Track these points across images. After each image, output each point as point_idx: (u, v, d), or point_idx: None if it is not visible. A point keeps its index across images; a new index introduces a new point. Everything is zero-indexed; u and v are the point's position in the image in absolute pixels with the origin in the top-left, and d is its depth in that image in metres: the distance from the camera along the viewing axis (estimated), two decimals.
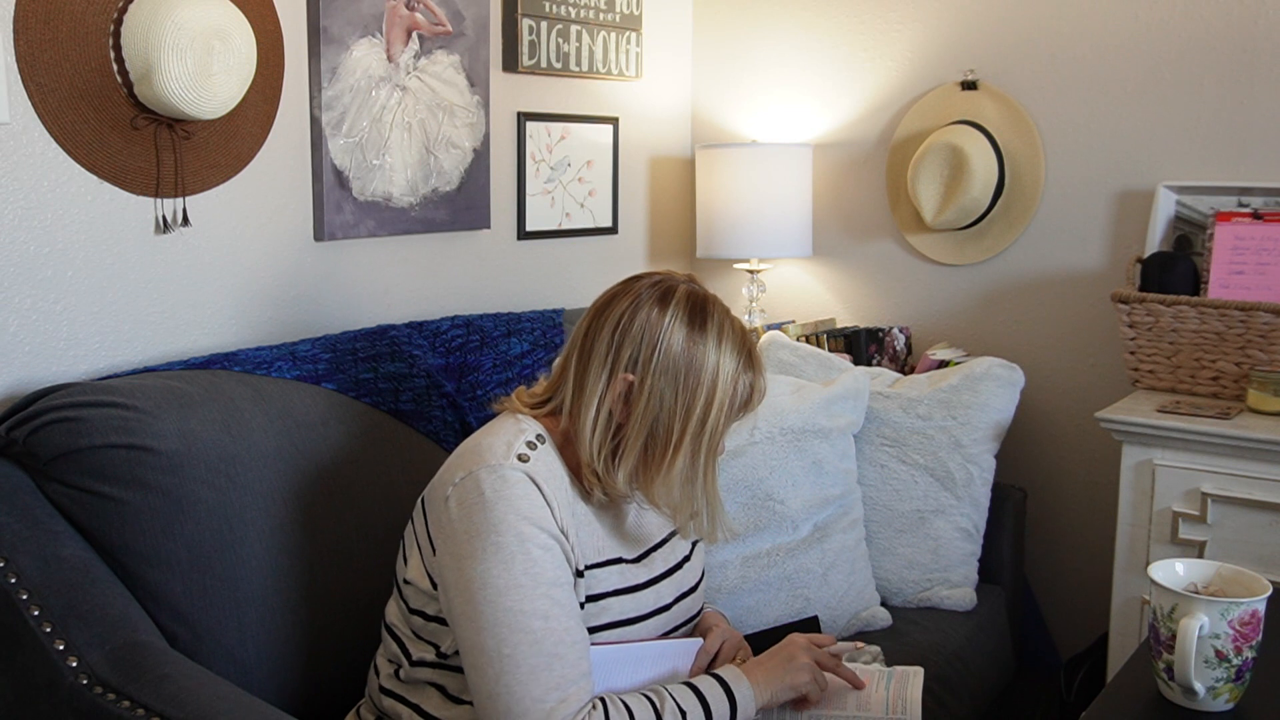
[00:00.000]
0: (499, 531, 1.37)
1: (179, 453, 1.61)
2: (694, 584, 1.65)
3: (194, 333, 2.02)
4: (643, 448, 1.46)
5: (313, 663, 1.74)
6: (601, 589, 1.49)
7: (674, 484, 1.47)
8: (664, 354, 1.45)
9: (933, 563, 2.25)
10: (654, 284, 1.50)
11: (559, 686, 1.33)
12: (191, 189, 1.96)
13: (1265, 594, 1.35)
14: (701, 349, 1.46)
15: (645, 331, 1.46)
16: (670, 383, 1.44)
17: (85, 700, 1.42)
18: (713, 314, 1.49)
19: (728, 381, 1.47)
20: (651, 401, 1.45)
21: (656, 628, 1.56)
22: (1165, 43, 2.48)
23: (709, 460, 1.49)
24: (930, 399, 2.33)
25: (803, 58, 2.97)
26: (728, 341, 1.48)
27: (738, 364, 1.48)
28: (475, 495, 1.39)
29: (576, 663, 1.36)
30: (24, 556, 1.50)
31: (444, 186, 2.44)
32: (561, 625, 1.36)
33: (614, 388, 1.46)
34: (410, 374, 2.02)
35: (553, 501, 1.42)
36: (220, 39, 1.80)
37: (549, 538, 1.39)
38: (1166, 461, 2.14)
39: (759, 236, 2.80)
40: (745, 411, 1.53)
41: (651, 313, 1.46)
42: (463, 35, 2.43)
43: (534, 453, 1.45)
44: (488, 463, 1.41)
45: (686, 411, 1.45)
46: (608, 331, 1.48)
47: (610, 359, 1.47)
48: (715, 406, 1.46)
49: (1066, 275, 2.65)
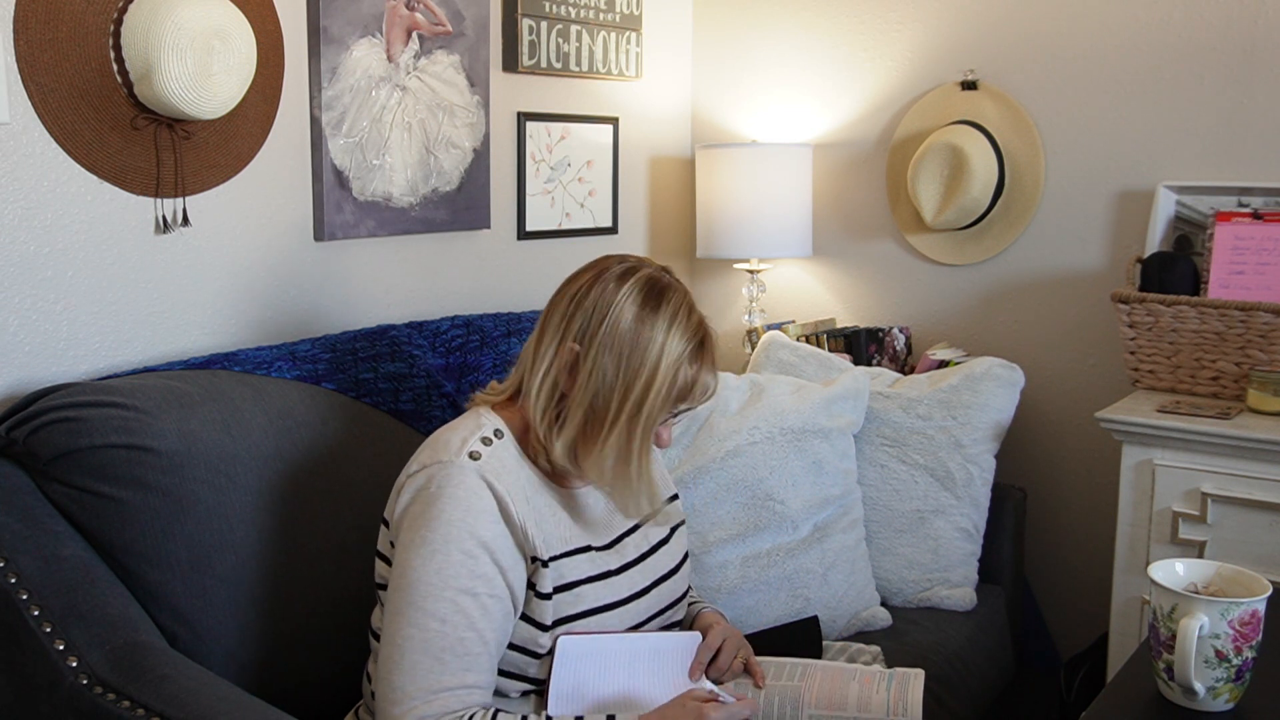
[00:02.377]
0: (430, 527, 1.39)
1: (179, 453, 1.61)
2: (671, 569, 1.65)
3: (194, 333, 2.02)
4: (582, 420, 1.47)
5: (313, 663, 1.74)
6: (572, 577, 1.50)
7: (606, 460, 1.47)
8: (610, 328, 1.45)
9: (933, 563, 2.25)
10: (621, 262, 1.52)
11: (434, 689, 1.35)
12: (191, 189, 1.96)
13: (1265, 594, 1.35)
14: (649, 329, 1.45)
15: (598, 305, 1.47)
16: (613, 359, 1.45)
17: (85, 700, 1.42)
18: (669, 299, 1.48)
19: (670, 367, 1.45)
20: (594, 375, 1.45)
21: (635, 614, 1.56)
22: (1165, 43, 2.48)
23: (644, 443, 1.47)
24: (930, 399, 2.33)
25: (803, 58, 2.97)
26: (678, 328, 1.46)
27: (683, 352, 1.46)
28: (422, 489, 1.42)
29: (460, 672, 1.37)
30: (24, 556, 1.50)
31: (444, 186, 2.44)
32: (456, 634, 1.37)
33: (561, 356, 1.48)
34: (410, 374, 2.02)
35: (504, 497, 1.43)
36: (220, 39, 1.80)
37: (477, 544, 1.39)
38: (1166, 461, 2.14)
39: (759, 236, 2.80)
40: (684, 403, 1.50)
41: (608, 287, 1.47)
42: (463, 35, 2.43)
43: (488, 448, 1.46)
44: (440, 458, 1.44)
45: (626, 389, 1.44)
46: (565, 301, 1.50)
47: (562, 328, 1.48)
48: (654, 390, 1.44)
49: (1066, 275, 2.65)
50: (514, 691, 1.50)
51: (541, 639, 1.47)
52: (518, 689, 1.50)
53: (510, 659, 1.47)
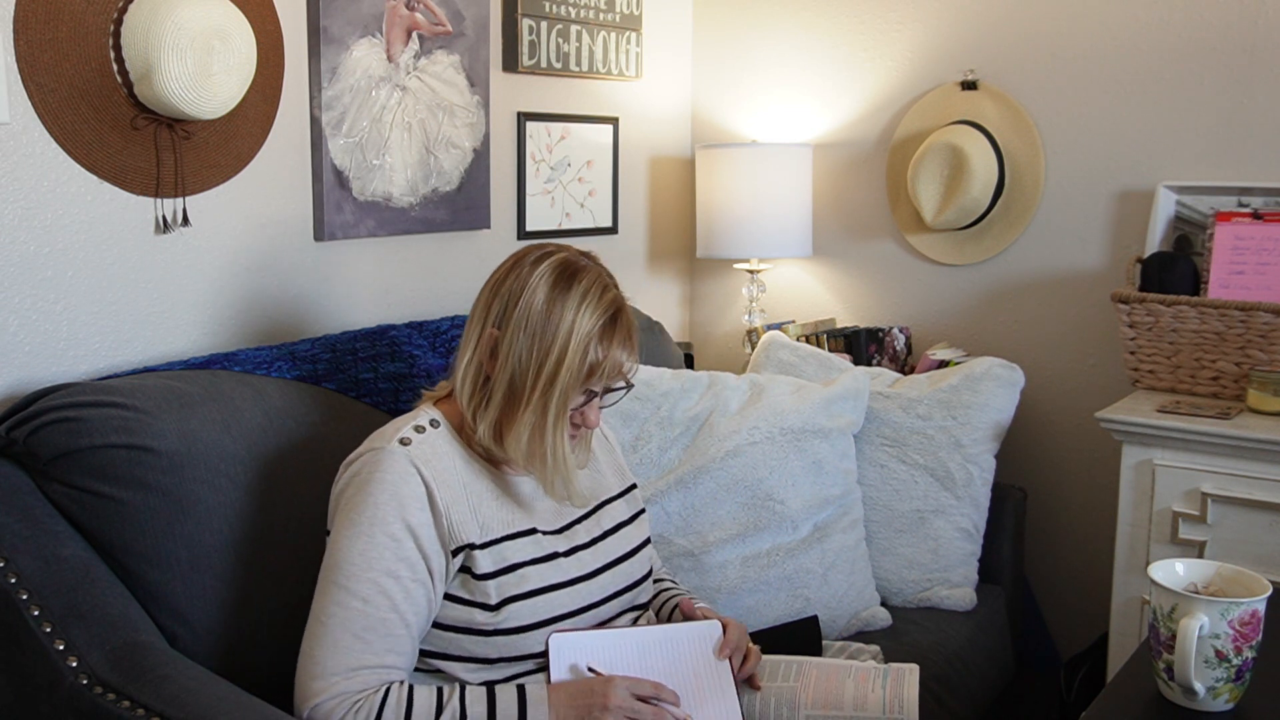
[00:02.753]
0: (359, 510, 1.44)
1: (179, 453, 1.61)
2: (626, 551, 1.67)
3: (194, 333, 2.02)
4: (501, 400, 1.51)
5: None
6: (515, 559, 1.52)
7: (522, 439, 1.50)
8: (524, 309, 1.49)
9: (933, 563, 2.25)
10: (540, 249, 1.56)
11: (354, 667, 1.40)
12: (191, 189, 1.96)
13: (1265, 594, 1.35)
14: (559, 309, 1.49)
15: (513, 288, 1.51)
16: (527, 339, 1.49)
17: (85, 700, 1.42)
18: (582, 279, 1.51)
19: (579, 344, 1.48)
20: (511, 356, 1.49)
21: (587, 594, 1.58)
22: (1165, 43, 2.48)
23: (558, 422, 1.50)
24: (930, 399, 2.33)
25: (803, 58, 2.97)
26: (589, 306, 1.50)
27: (592, 328, 1.49)
28: (356, 474, 1.48)
29: (382, 652, 1.41)
30: (24, 556, 1.50)
31: (444, 186, 2.44)
32: (379, 614, 1.41)
33: (483, 341, 1.52)
34: (410, 374, 2.02)
35: (431, 483, 1.47)
36: (220, 39, 1.80)
37: (403, 528, 1.44)
38: (1166, 461, 2.14)
39: (759, 236, 2.80)
40: (592, 381, 1.52)
41: (523, 271, 1.52)
42: (463, 35, 2.43)
43: (420, 436, 1.51)
44: (374, 446, 1.50)
45: (539, 368, 1.48)
46: (488, 290, 1.55)
47: (484, 314, 1.54)
48: (564, 368, 1.48)
49: (1066, 275, 2.65)
50: (468, 675, 1.50)
51: (486, 619, 1.49)
52: (471, 672, 1.50)
53: (454, 640, 1.50)
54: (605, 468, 1.75)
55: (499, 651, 1.50)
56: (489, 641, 1.49)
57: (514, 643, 1.50)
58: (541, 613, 1.52)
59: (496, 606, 1.49)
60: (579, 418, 1.55)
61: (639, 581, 1.68)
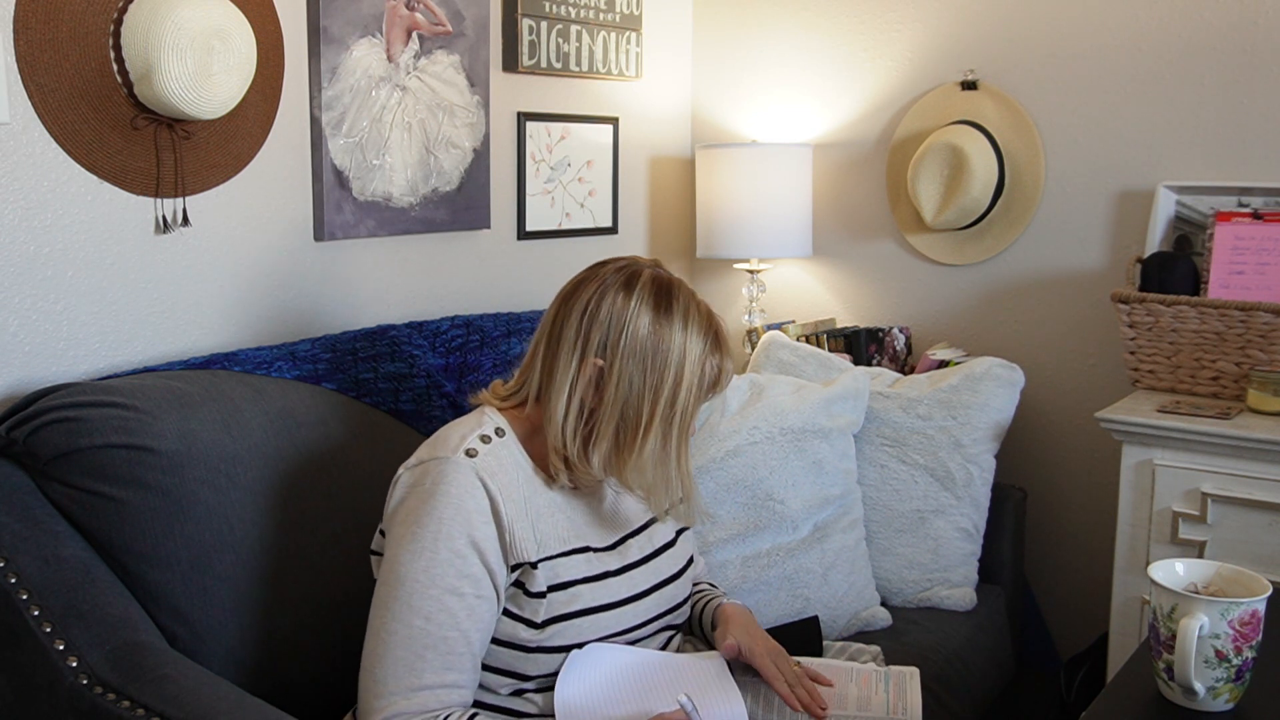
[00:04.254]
0: (421, 524, 1.41)
1: (179, 453, 1.61)
2: (675, 571, 1.65)
3: (194, 333, 2.02)
4: (615, 431, 1.48)
5: (313, 662, 1.74)
6: (568, 577, 1.50)
7: (646, 466, 1.49)
8: (631, 338, 1.47)
9: (933, 563, 2.25)
10: (619, 269, 1.52)
11: (415, 686, 1.37)
12: (191, 189, 1.96)
13: (1265, 594, 1.35)
14: (668, 331, 1.48)
15: (612, 317, 1.48)
16: (639, 366, 1.47)
17: (85, 700, 1.42)
18: (678, 297, 1.51)
19: (695, 362, 1.49)
20: (621, 385, 1.47)
21: (634, 615, 1.56)
22: (1165, 43, 2.48)
23: (681, 441, 1.51)
24: (930, 399, 2.33)
25: (803, 58, 2.97)
26: (694, 324, 1.50)
27: (704, 345, 1.50)
28: (418, 483, 1.44)
29: (441, 671, 1.38)
30: (24, 556, 1.50)
31: (444, 186, 2.44)
32: (440, 633, 1.38)
33: (584, 373, 1.48)
34: (410, 374, 2.02)
35: (497, 496, 1.44)
36: (220, 39, 1.80)
37: (468, 544, 1.41)
38: (1166, 461, 2.14)
39: (759, 236, 2.80)
40: (714, 392, 1.55)
41: (618, 298, 1.49)
42: (463, 35, 2.43)
43: (487, 446, 1.47)
44: (438, 454, 1.46)
45: (655, 393, 1.47)
46: (575, 318, 1.50)
47: (580, 345, 1.49)
48: (684, 388, 1.48)
49: (1066, 275, 2.65)
50: (502, 689, 1.50)
51: (530, 636, 1.47)
52: (507, 686, 1.50)
53: (497, 654, 1.48)
54: None
55: (538, 669, 1.49)
56: (529, 658, 1.48)
57: (554, 661, 1.49)
58: (586, 633, 1.50)
59: (543, 624, 1.47)
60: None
61: (680, 604, 1.67)
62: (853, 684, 1.60)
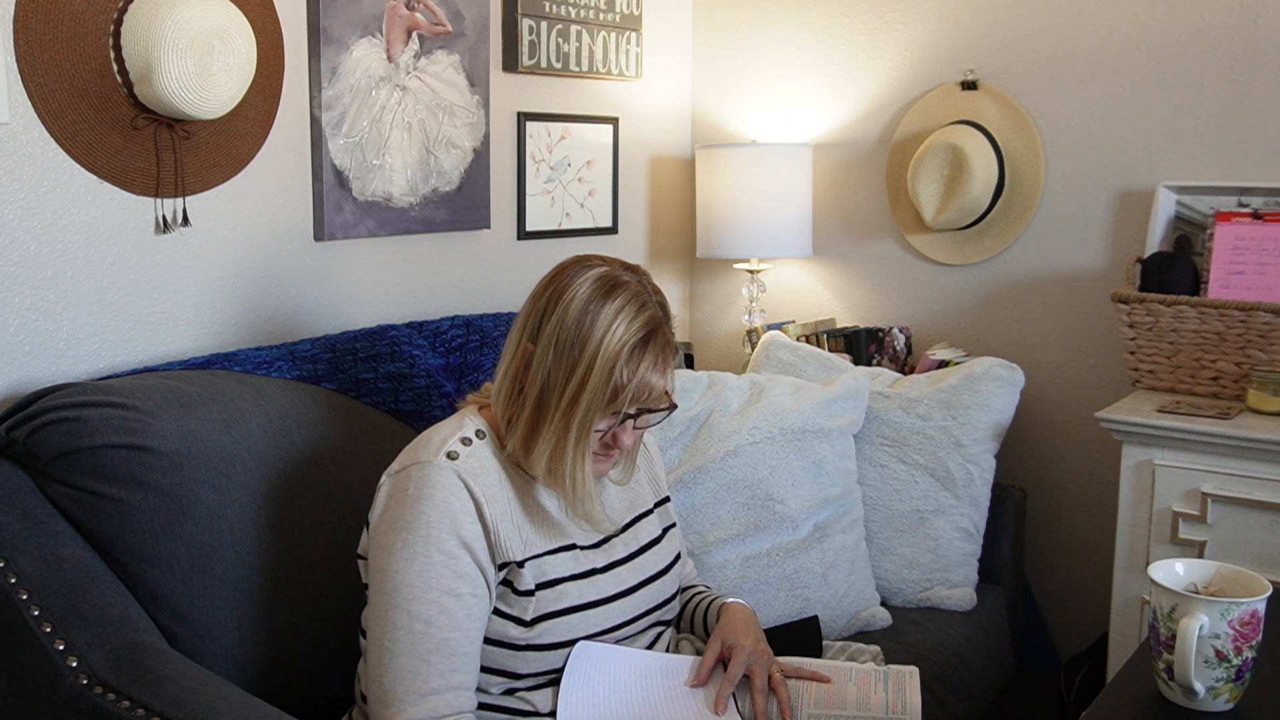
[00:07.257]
0: (410, 529, 1.39)
1: (179, 453, 1.61)
2: (662, 568, 1.65)
3: (194, 333, 2.02)
4: (529, 414, 1.45)
5: (312, 662, 1.74)
6: (554, 574, 1.50)
7: (543, 457, 1.45)
8: (557, 323, 1.43)
9: (933, 563, 2.25)
10: (584, 260, 1.50)
11: (424, 692, 1.36)
12: (191, 189, 1.96)
13: (1265, 594, 1.35)
14: (591, 323, 1.41)
15: (551, 301, 1.45)
16: (556, 353, 1.43)
17: (85, 700, 1.42)
18: (618, 295, 1.43)
19: (604, 364, 1.40)
20: (539, 370, 1.44)
21: (621, 612, 1.56)
22: (1165, 43, 2.48)
23: (579, 443, 1.43)
24: (930, 399, 2.33)
25: (803, 58, 2.97)
26: (623, 323, 1.42)
27: (624, 347, 1.41)
28: (401, 489, 1.43)
29: (448, 673, 1.38)
30: (24, 556, 1.50)
31: (444, 186, 2.44)
32: (442, 634, 1.38)
33: (519, 354, 1.48)
34: (410, 374, 2.02)
35: (480, 498, 1.43)
36: (220, 39, 1.80)
37: (458, 544, 1.40)
38: (1166, 461, 2.14)
39: (759, 236, 2.80)
40: (616, 404, 1.43)
41: (561, 283, 1.46)
42: (463, 35, 2.43)
43: (467, 449, 1.46)
44: (419, 459, 1.44)
45: (564, 383, 1.42)
46: (529, 301, 1.50)
47: (523, 327, 1.48)
48: (588, 386, 1.41)
49: (1066, 275, 2.65)
50: (494, 688, 1.50)
51: (519, 634, 1.47)
52: (499, 685, 1.50)
53: (488, 654, 1.47)
54: (643, 478, 1.70)
55: (529, 667, 1.49)
56: (520, 656, 1.48)
57: (545, 658, 1.49)
58: (576, 630, 1.50)
59: (531, 622, 1.47)
60: (610, 439, 1.49)
61: (668, 600, 1.66)
62: (852, 684, 1.60)
